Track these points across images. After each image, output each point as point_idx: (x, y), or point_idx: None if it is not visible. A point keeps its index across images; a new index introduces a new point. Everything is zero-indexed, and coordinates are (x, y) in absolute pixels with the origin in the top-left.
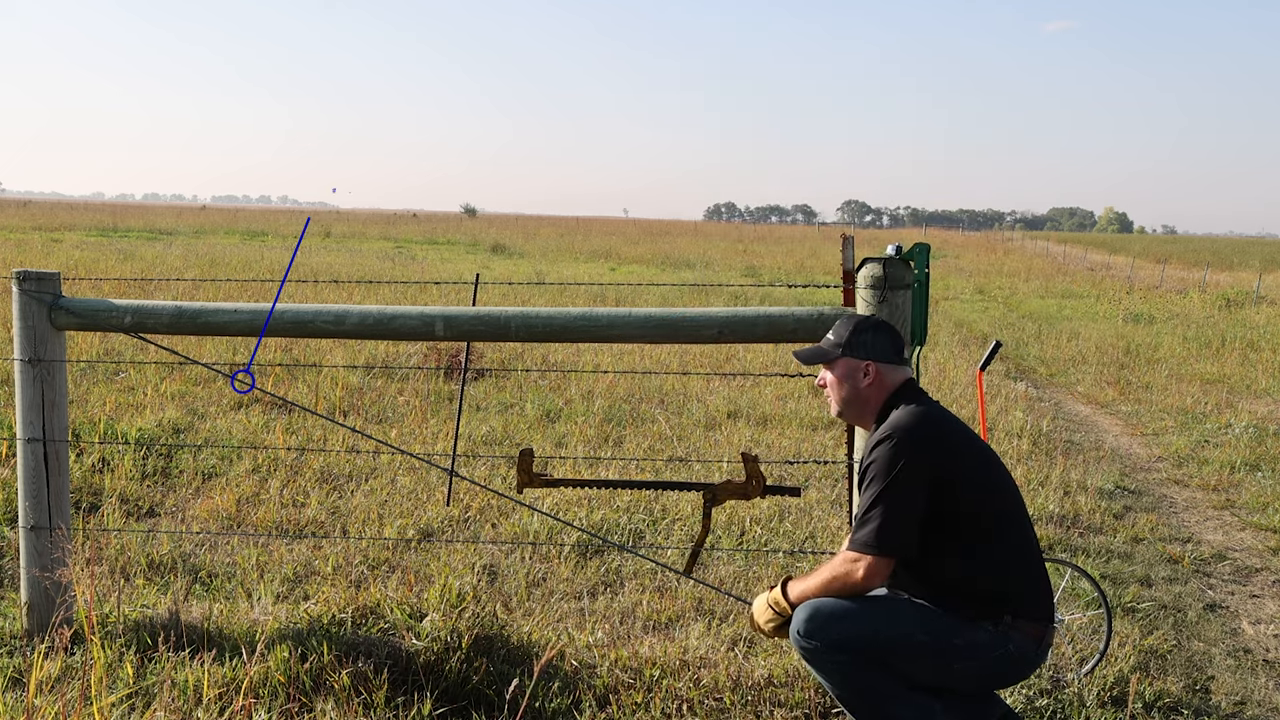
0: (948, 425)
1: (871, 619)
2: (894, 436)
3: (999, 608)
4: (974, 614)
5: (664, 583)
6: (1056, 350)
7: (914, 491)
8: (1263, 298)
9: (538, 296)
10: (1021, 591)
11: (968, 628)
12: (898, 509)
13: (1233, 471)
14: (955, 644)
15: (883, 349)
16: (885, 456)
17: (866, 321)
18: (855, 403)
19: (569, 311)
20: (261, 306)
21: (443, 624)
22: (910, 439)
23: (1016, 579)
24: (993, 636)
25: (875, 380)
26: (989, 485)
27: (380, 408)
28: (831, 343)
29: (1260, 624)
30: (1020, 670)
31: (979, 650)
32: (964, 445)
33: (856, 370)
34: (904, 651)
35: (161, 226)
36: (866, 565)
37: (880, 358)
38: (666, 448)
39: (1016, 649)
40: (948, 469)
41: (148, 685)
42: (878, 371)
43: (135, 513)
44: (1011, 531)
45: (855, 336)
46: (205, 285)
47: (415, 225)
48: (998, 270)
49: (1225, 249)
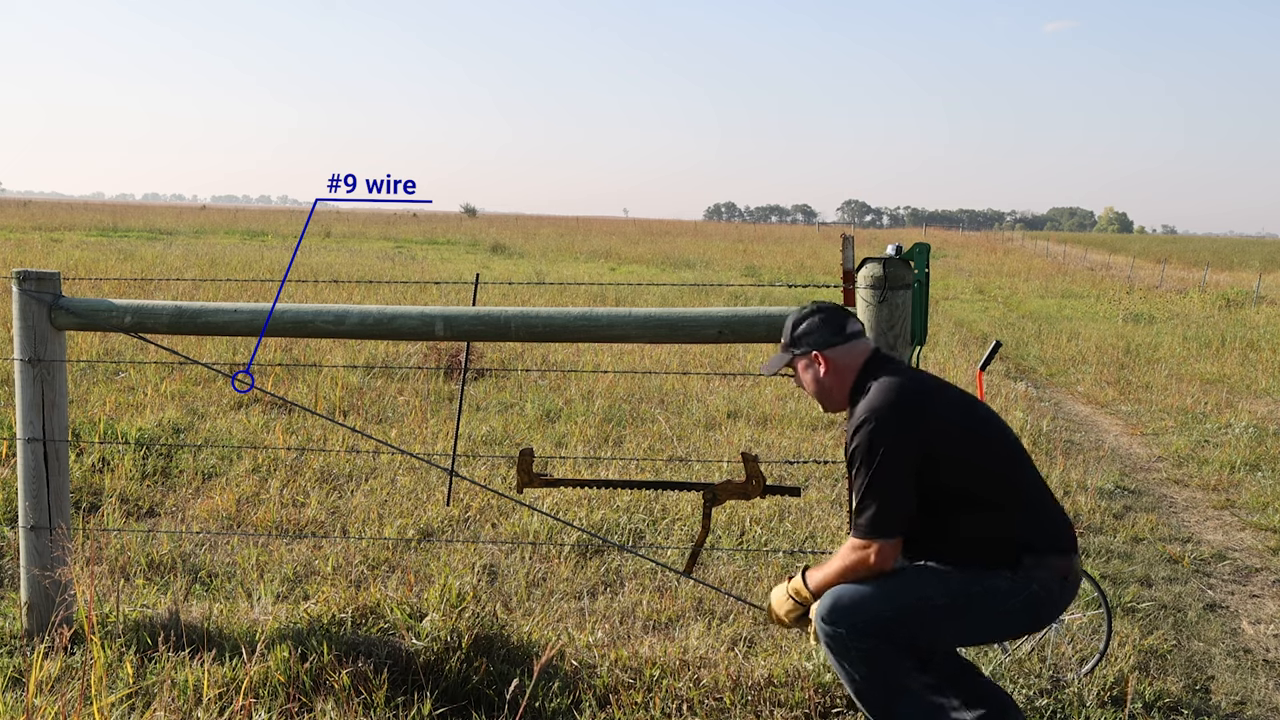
0: (924, 392)
1: (891, 595)
2: (870, 419)
3: (1015, 552)
4: (990, 564)
5: (664, 583)
6: (1056, 350)
7: (901, 470)
8: (1263, 298)
9: (538, 296)
10: (1035, 531)
11: (986, 577)
12: (889, 491)
13: (1233, 471)
14: (974, 594)
15: (822, 336)
16: (865, 441)
17: (801, 314)
18: (824, 394)
19: (569, 311)
20: (261, 306)
21: (443, 624)
22: (886, 419)
23: (1027, 521)
24: (1013, 582)
25: (829, 367)
26: (979, 440)
27: (380, 408)
28: (781, 346)
29: (1260, 624)
30: (1049, 609)
31: (1001, 598)
32: (944, 408)
33: (810, 365)
34: (928, 617)
35: (161, 226)
36: (875, 551)
37: (823, 345)
38: (666, 448)
39: (1041, 588)
40: (931, 437)
41: (148, 685)
42: (828, 359)
43: (135, 513)
44: (1012, 477)
45: (794, 333)
46: (205, 285)
47: (415, 225)
48: (998, 270)
49: (1225, 249)
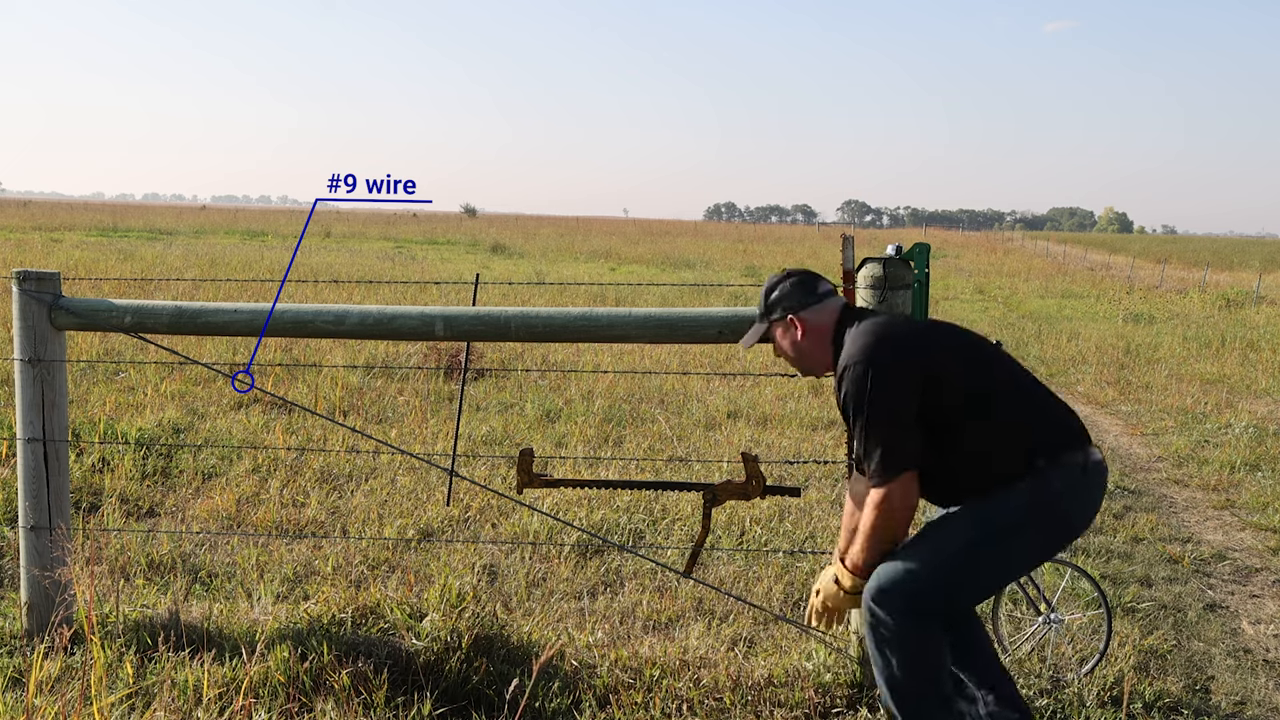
0: (898, 325)
1: (927, 560)
2: (851, 365)
3: (1025, 459)
4: (1005, 479)
5: (664, 583)
6: (1056, 350)
7: (894, 402)
8: (1263, 298)
9: (538, 296)
10: (1040, 433)
11: (1008, 497)
12: (889, 425)
13: (1233, 471)
14: (1004, 522)
15: (797, 299)
16: (853, 385)
17: (772, 281)
18: (803, 358)
19: (569, 311)
20: (261, 306)
21: (443, 624)
22: (868, 356)
23: (1034, 427)
24: (1032, 490)
25: (805, 330)
26: (968, 361)
27: (380, 408)
28: (757, 316)
29: (1260, 624)
30: (1080, 506)
31: (1029, 511)
32: (922, 336)
33: (788, 330)
34: (970, 567)
35: (161, 226)
36: (895, 490)
37: (797, 308)
38: (666, 448)
39: (1065, 486)
40: (915, 367)
41: (148, 685)
42: (803, 322)
43: (135, 513)
44: (1005, 382)
45: (768, 301)
46: (205, 285)
47: (415, 225)
48: (998, 270)
49: (1225, 249)
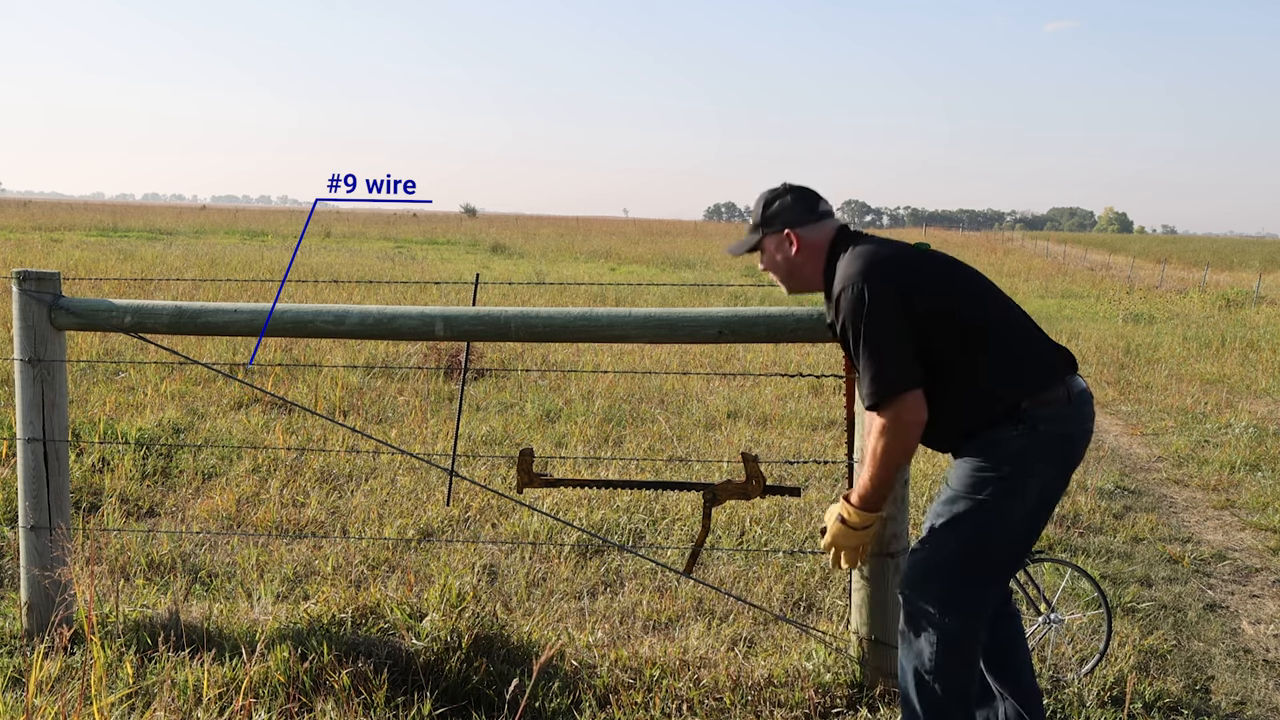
0: (894, 251)
1: (946, 541)
2: (849, 286)
3: (1022, 398)
4: (1002, 420)
5: (664, 583)
6: None
7: (894, 320)
8: (1263, 298)
9: (538, 296)
10: (1034, 372)
11: (1002, 455)
12: (890, 343)
13: (1233, 471)
14: (1013, 484)
15: (795, 213)
16: (851, 304)
17: (773, 193)
18: (794, 274)
19: (569, 311)
20: (261, 306)
21: (443, 624)
22: (867, 275)
23: (1025, 365)
24: (1024, 435)
25: (800, 246)
26: (963, 293)
27: (380, 408)
28: (751, 227)
29: (1260, 624)
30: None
31: (1023, 458)
32: (919, 263)
33: (781, 244)
34: (985, 535)
35: (161, 226)
36: (902, 408)
37: (796, 223)
38: (666, 448)
39: (1052, 424)
40: (913, 289)
41: (148, 685)
42: (799, 237)
43: (135, 513)
44: (1004, 321)
45: (766, 212)
46: (205, 285)
47: (415, 225)
48: (998, 270)
49: (1225, 249)
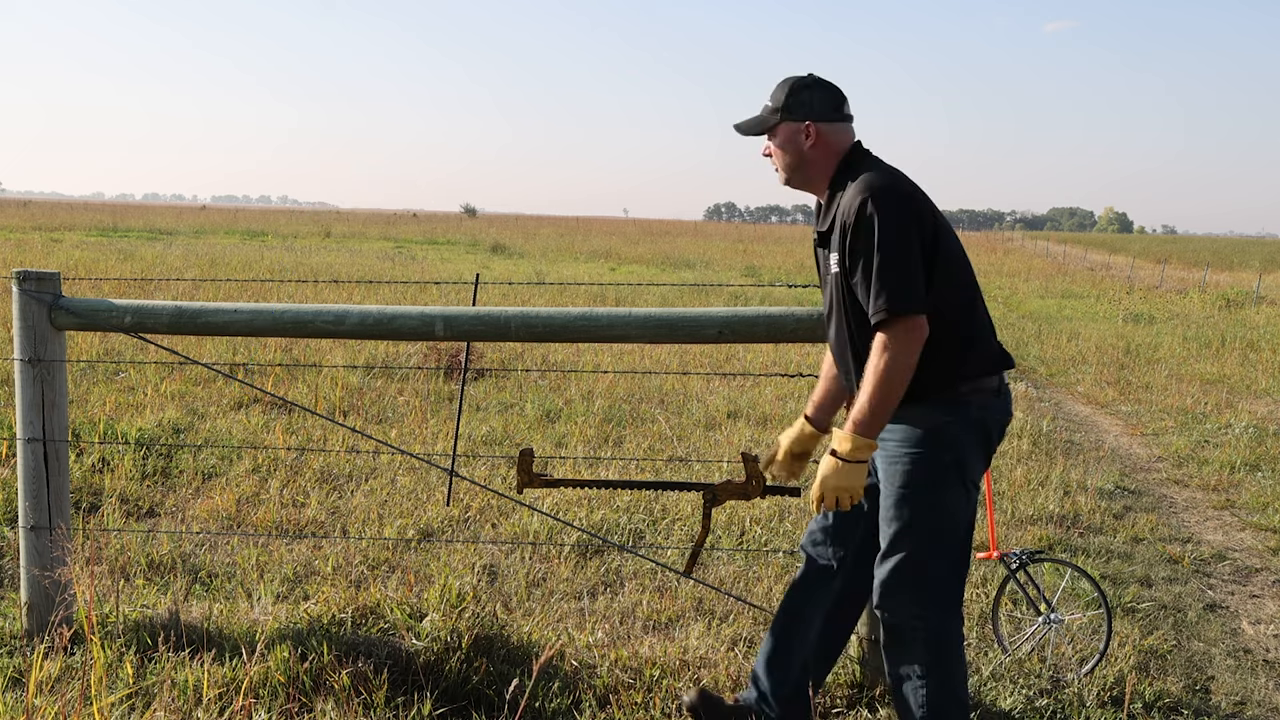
0: (916, 185)
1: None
2: (884, 194)
3: (955, 382)
4: (933, 407)
5: (664, 583)
6: (1056, 350)
7: (918, 245)
8: (1263, 298)
9: (538, 296)
10: (980, 356)
11: (941, 444)
12: (911, 263)
13: (1233, 471)
14: (957, 474)
15: (822, 107)
16: (879, 215)
17: (801, 81)
18: (801, 167)
19: (569, 311)
20: (261, 306)
21: (443, 624)
22: (901, 192)
23: (977, 347)
24: (957, 422)
25: (818, 141)
26: (956, 253)
27: (380, 408)
28: (769, 109)
29: (1260, 624)
30: (996, 423)
31: (959, 446)
32: (932, 208)
33: (798, 133)
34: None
35: (161, 226)
36: (912, 328)
37: (820, 117)
38: (666, 448)
39: (983, 412)
40: (935, 225)
41: (148, 685)
42: (818, 131)
43: (135, 513)
44: (974, 296)
45: (791, 98)
46: (205, 285)
47: (415, 225)
48: (998, 270)
49: (1225, 249)
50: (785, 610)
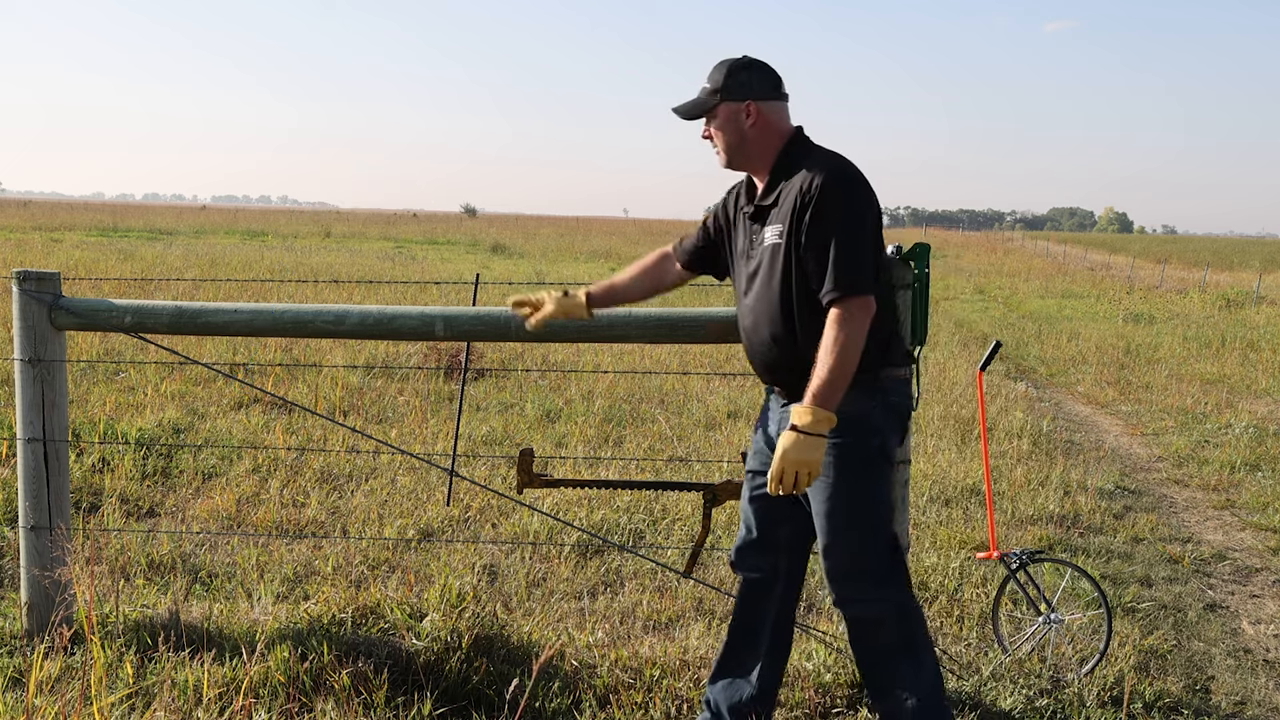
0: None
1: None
2: (841, 175)
3: (877, 369)
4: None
5: (664, 583)
6: (1056, 350)
7: (870, 231)
8: (1263, 298)
9: None
10: (899, 345)
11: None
12: (868, 243)
13: (1233, 471)
14: (884, 456)
15: (761, 87)
16: (840, 195)
17: (739, 62)
18: (743, 146)
19: None
20: (261, 306)
21: (443, 624)
22: (857, 175)
23: (898, 335)
24: (879, 407)
25: (758, 119)
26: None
27: (380, 408)
28: (708, 90)
29: (1260, 624)
30: (907, 409)
31: (883, 431)
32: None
33: (738, 113)
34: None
35: (161, 226)
36: (866, 305)
37: (759, 96)
38: (666, 448)
39: (899, 398)
40: (879, 215)
41: (148, 685)
42: (759, 110)
43: (135, 513)
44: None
45: (730, 79)
46: (205, 285)
47: (415, 225)
48: (998, 270)
49: (1225, 249)
50: (736, 630)
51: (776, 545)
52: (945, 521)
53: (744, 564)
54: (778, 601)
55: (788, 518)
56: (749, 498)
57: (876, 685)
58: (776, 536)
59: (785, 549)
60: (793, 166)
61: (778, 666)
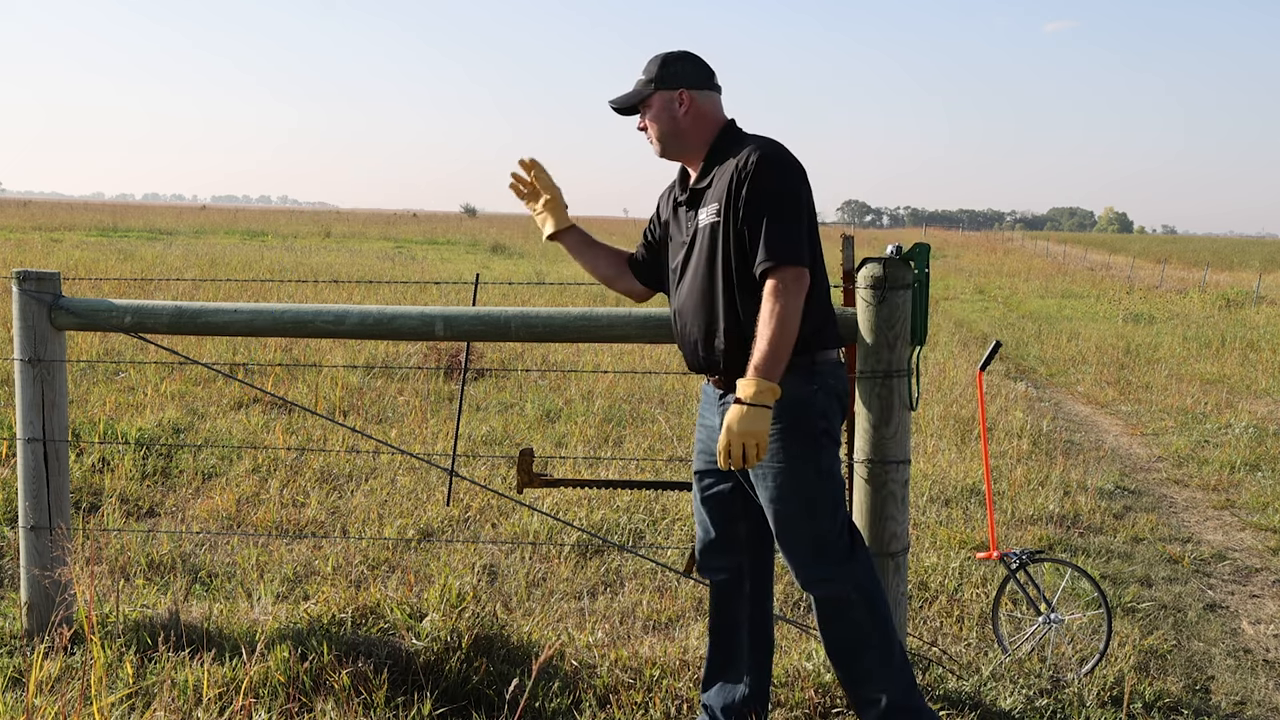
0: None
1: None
2: (776, 154)
3: (811, 352)
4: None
5: (664, 583)
6: (1056, 350)
7: (805, 209)
8: (1263, 298)
9: (538, 296)
10: (833, 329)
11: (808, 413)
12: (802, 218)
13: (1233, 471)
14: (829, 437)
15: (694, 76)
16: (776, 169)
17: (672, 54)
18: (676, 134)
19: (569, 311)
20: (261, 306)
21: (443, 624)
22: (794, 161)
23: (831, 320)
24: (818, 391)
25: (691, 107)
26: (817, 236)
27: (380, 408)
28: (643, 81)
29: (1260, 624)
30: (843, 391)
31: (826, 413)
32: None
33: (671, 101)
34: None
35: (161, 226)
36: (801, 276)
37: (693, 85)
38: (666, 448)
39: (835, 381)
40: (811, 198)
41: (148, 685)
42: (692, 99)
43: (135, 513)
44: (822, 271)
45: (664, 69)
46: (205, 285)
47: (415, 225)
48: (998, 270)
49: (1225, 249)
50: (716, 635)
51: (737, 543)
52: (945, 521)
53: (708, 567)
54: (749, 600)
55: (743, 514)
56: (700, 500)
57: (850, 675)
58: (735, 533)
59: (746, 547)
60: (726, 152)
61: (765, 664)
